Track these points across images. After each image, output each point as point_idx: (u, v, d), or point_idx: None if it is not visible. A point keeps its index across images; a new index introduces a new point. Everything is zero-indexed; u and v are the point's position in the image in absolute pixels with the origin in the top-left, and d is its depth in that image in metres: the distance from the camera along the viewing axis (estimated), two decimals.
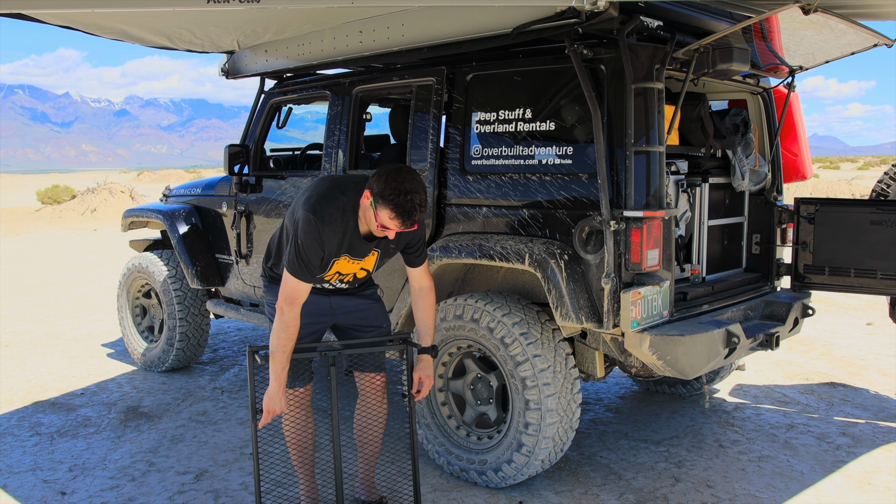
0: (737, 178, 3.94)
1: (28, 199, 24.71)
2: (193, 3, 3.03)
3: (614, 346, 3.21)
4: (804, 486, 3.43)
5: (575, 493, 3.37)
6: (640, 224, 3.00)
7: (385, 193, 2.52)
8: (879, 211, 3.83)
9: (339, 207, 2.68)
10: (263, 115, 4.74)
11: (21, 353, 5.96)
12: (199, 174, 45.52)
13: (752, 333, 3.51)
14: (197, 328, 5.22)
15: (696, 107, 3.74)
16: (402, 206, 2.51)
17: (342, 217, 2.68)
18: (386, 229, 2.61)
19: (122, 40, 4.07)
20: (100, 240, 15.10)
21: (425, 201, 2.58)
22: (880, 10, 3.26)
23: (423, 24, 3.47)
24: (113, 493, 3.41)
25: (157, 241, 5.75)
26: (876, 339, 6.13)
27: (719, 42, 3.08)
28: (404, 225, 2.56)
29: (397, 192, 2.51)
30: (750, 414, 4.40)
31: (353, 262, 2.82)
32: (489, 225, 3.49)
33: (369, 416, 3.08)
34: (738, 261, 4.21)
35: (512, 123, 3.43)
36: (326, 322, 3.01)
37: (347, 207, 2.69)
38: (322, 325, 3.01)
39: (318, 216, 2.64)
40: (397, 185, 2.51)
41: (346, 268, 2.83)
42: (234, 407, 4.57)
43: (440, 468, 3.59)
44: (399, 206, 2.51)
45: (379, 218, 2.58)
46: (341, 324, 3.03)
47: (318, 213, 2.64)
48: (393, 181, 2.52)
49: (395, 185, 2.51)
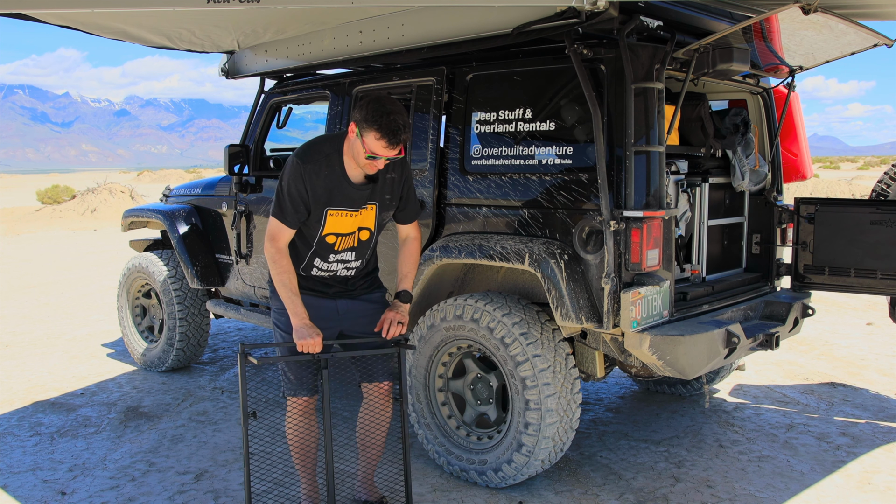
0: (737, 178, 3.94)
1: (28, 199, 24.71)
2: (193, 3, 3.03)
3: (614, 346, 3.21)
4: (804, 486, 3.43)
5: (575, 493, 3.37)
6: (640, 224, 3.00)
7: (368, 117, 2.60)
8: (879, 211, 3.83)
9: (323, 151, 2.76)
10: (263, 115, 4.74)
11: (21, 353, 5.95)
12: (199, 174, 45.51)
13: (752, 333, 3.51)
14: (197, 328, 5.22)
15: (696, 107, 3.75)
16: (387, 126, 2.58)
17: (326, 159, 2.74)
18: (374, 159, 2.65)
19: (122, 40, 4.08)
20: (100, 240, 15.10)
21: (408, 123, 2.66)
22: (880, 10, 3.26)
23: (423, 24, 3.47)
24: (113, 493, 3.41)
25: (157, 241, 5.75)
26: (876, 339, 6.13)
27: (719, 42, 3.08)
28: (391, 144, 2.61)
29: (380, 113, 2.59)
30: (750, 414, 4.40)
31: (350, 214, 2.81)
32: (489, 225, 3.49)
33: (373, 420, 3.06)
34: (738, 261, 4.21)
35: (512, 123, 3.43)
36: (334, 328, 2.95)
37: (332, 151, 2.76)
38: (329, 330, 2.93)
39: (300, 158, 2.74)
40: (379, 107, 2.60)
41: (345, 225, 2.81)
42: (234, 407, 4.57)
43: (440, 468, 3.59)
44: (383, 126, 2.58)
45: (366, 145, 2.63)
46: (348, 330, 2.97)
47: (301, 155, 2.75)
48: (374, 104, 2.61)
49: (376, 108, 2.60)
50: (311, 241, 2.84)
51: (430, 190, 3.67)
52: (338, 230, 2.82)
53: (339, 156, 2.76)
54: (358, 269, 2.94)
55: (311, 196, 2.73)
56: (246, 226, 4.69)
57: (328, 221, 2.79)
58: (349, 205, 2.79)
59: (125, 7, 3.18)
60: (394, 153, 2.66)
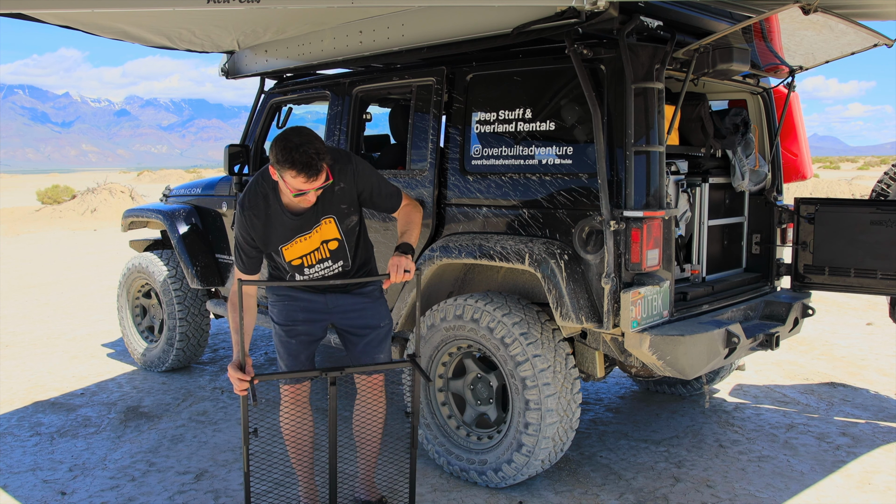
0: (737, 178, 3.94)
1: (28, 199, 24.71)
2: (193, 3, 3.03)
3: (614, 346, 3.21)
4: (804, 486, 3.43)
5: (575, 493, 3.37)
6: (640, 224, 3.00)
7: (279, 157, 2.51)
8: (879, 211, 3.83)
9: (260, 192, 2.73)
10: (263, 115, 4.74)
11: (21, 353, 5.95)
12: (199, 174, 45.52)
13: (752, 333, 3.51)
14: (197, 328, 5.22)
15: (696, 107, 3.74)
16: (300, 160, 2.48)
17: (264, 200, 2.72)
18: (302, 194, 2.58)
19: (122, 40, 4.08)
20: (100, 240, 15.10)
21: (322, 148, 2.54)
22: (880, 10, 3.26)
23: (423, 24, 3.47)
24: (113, 493, 3.41)
25: (157, 241, 5.75)
26: (876, 339, 6.13)
27: (719, 42, 3.08)
28: (310, 177, 2.51)
29: (288, 149, 2.49)
30: (750, 414, 4.40)
31: (308, 237, 2.78)
32: (489, 225, 3.49)
33: (368, 415, 3.07)
34: (738, 261, 4.21)
35: (512, 123, 3.43)
36: (324, 320, 2.98)
37: (269, 189, 2.71)
38: (320, 324, 2.97)
39: (241, 205, 2.75)
40: (286, 144, 2.50)
41: (304, 248, 2.79)
42: (234, 407, 4.57)
43: (440, 468, 3.59)
44: (296, 162, 2.48)
45: (288, 185, 2.55)
46: (339, 324, 3.00)
47: (242, 203, 2.75)
48: (282, 142, 2.52)
49: (284, 145, 2.51)
50: (282, 268, 2.88)
51: (430, 190, 3.67)
52: (300, 253, 2.81)
53: (275, 191, 2.70)
54: (345, 266, 2.91)
55: (259, 241, 2.75)
56: None
57: (285, 253, 2.80)
58: (299, 232, 2.77)
59: (125, 7, 3.18)
60: (319, 182, 2.56)
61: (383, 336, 3.03)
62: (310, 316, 2.93)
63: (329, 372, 2.71)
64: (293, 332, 2.93)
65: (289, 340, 2.94)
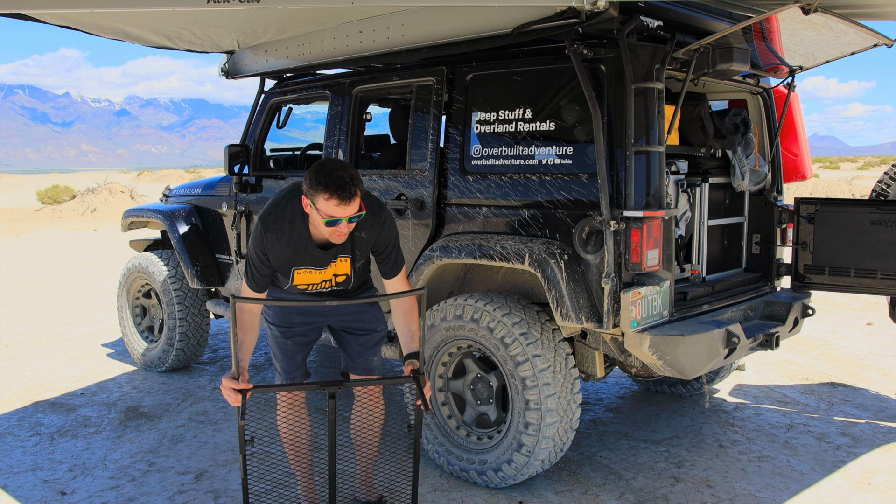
0: (737, 178, 3.94)
1: (28, 199, 24.71)
2: (193, 3, 3.03)
3: (614, 346, 3.21)
4: (804, 486, 3.43)
5: (575, 493, 3.37)
6: (640, 224, 3.00)
7: (313, 183, 2.49)
8: (879, 211, 3.83)
9: (288, 217, 2.66)
10: (263, 115, 4.74)
11: (21, 353, 5.95)
12: (199, 174, 45.52)
13: (752, 333, 3.51)
14: (197, 328, 5.22)
15: (696, 107, 3.74)
16: (334, 183, 2.45)
17: (290, 225, 2.65)
18: (336, 224, 2.53)
19: (122, 40, 4.07)
20: (100, 240, 15.10)
21: (357, 177, 2.52)
22: (880, 10, 3.26)
23: (423, 24, 3.47)
24: (113, 493, 3.41)
25: (157, 241, 5.75)
26: (876, 339, 6.13)
27: (719, 42, 3.08)
28: (343, 200, 2.47)
29: (322, 174, 2.48)
30: (750, 414, 4.40)
31: (318, 271, 2.76)
32: (489, 225, 3.49)
33: (367, 418, 3.07)
34: (738, 261, 4.21)
35: (512, 123, 3.43)
36: (320, 322, 2.98)
37: (296, 214, 2.65)
38: (316, 325, 2.97)
39: (264, 225, 2.66)
40: (320, 170, 2.50)
41: (314, 278, 2.79)
42: (233, 407, 4.56)
43: (440, 468, 3.59)
44: (330, 185, 2.46)
45: (321, 211, 2.50)
46: (335, 325, 3.01)
47: (265, 221, 2.67)
48: (316, 169, 2.51)
49: (318, 171, 2.50)
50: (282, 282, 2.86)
51: (430, 190, 3.67)
52: (310, 281, 2.80)
53: (304, 219, 2.66)
54: (345, 287, 2.90)
55: (274, 262, 2.71)
56: (246, 226, 4.69)
57: (295, 277, 2.78)
58: (315, 264, 2.75)
59: (125, 7, 3.18)
60: (352, 210, 2.52)
61: (378, 340, 3.05)
62: (306, 318, 2.93)
63: (327, 386, 2.66)
64: (289, 333, 2.93)
65: (285, 342, 2.93)
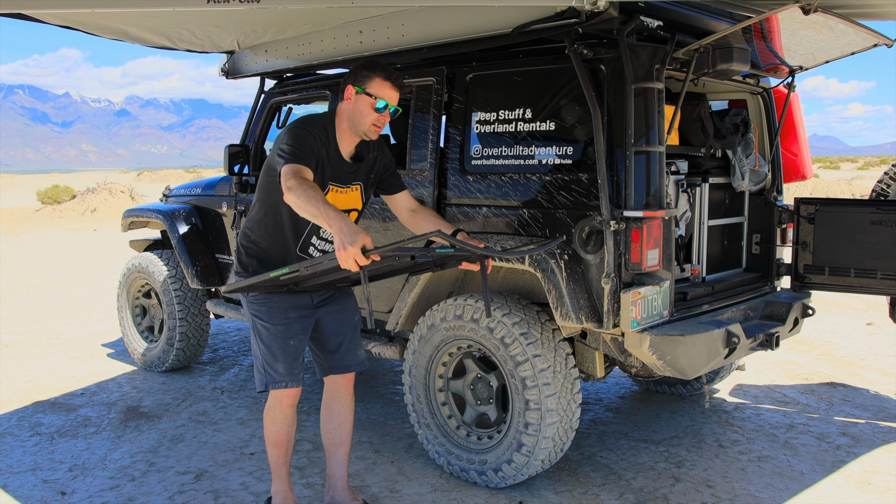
0: (737, 178, 3.94)
1: (28, 199, 24.70)
2: (193, 3, 3.03)
3: (614, 346, 3.21)
4: (804, 486, 3.43)
5: (575, 493, 3.37)
6: (640, 224, 3.00)
7: (368, 68, 2.73)
8: (879, 211, 3.83)
9: (320, 124, 2.76)
10: (263, 115, 4.74)
11: (21, 353, 5.95)
12: (199, 174, 45.51)
13: (752, 333, 3.51)
14: (197, 328, 5.22)
15: (696, 107, 3.74)
16: (386, 68, 2.73)
17: (324, 131, 2.76)
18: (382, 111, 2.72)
19: (122, 40, 4.08)
20: (100, 240, 15.10)
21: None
22: (880, 10, 3.26)
23: (423, 24, 3.47)
24: (113, 493, 3.41)
25: (157, 241, 5.75)
26: (876, 339, 6.13)
27: (719, 42, 3.08)
28: (395, 84, 2.73)
29: (373, 63, 2.75)
30: (750, 414, 4.40)
31: (342, 191, 2.83)
32: (489, 225, 3.49)
33: (339, 415, 3.02)
34: (738, 261, 4.21)
35: (512, 123, 3.43)
36: (312, 315, 2.90)
37: (327, 124, 2.78)
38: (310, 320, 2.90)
39: (304, 124, 2.73)
40: (370, 61, 2.78)
41: (337, 202, 2.80)
42: (234, 407, 4.57)
43: (440, 468, 3.59)
44: (387, 69, 2.73)
45: (374, 92, 2.70)
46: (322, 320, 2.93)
47: (304, 122, 2.76)
48: (363, 62, 2.78)
49: (367, 62, 2.77)
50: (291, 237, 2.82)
51: (430, 190, 3.67)
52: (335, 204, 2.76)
53: (334, 130, 2.78)
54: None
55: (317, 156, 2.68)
56: None
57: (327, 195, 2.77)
58: (341, 181, 2.82)
59: (125, 7, 3.18)
60: (399, 95, 2.76)
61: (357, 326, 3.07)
62: (301, 312, 2.85)
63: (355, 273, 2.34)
64: (291, 331, 2.81)
65: (287, 342, 2.81)
